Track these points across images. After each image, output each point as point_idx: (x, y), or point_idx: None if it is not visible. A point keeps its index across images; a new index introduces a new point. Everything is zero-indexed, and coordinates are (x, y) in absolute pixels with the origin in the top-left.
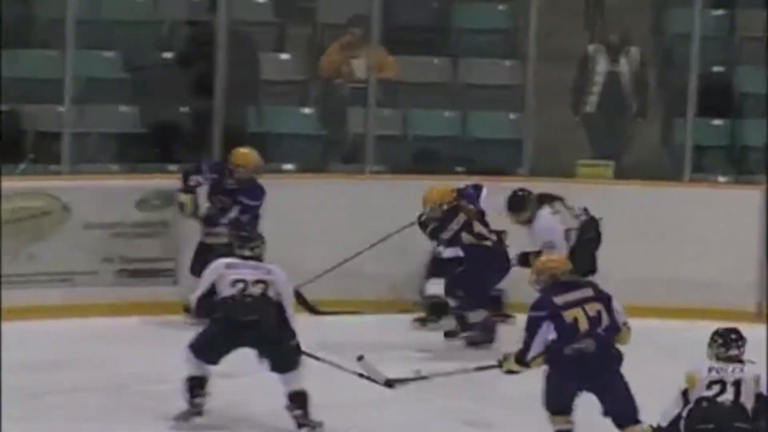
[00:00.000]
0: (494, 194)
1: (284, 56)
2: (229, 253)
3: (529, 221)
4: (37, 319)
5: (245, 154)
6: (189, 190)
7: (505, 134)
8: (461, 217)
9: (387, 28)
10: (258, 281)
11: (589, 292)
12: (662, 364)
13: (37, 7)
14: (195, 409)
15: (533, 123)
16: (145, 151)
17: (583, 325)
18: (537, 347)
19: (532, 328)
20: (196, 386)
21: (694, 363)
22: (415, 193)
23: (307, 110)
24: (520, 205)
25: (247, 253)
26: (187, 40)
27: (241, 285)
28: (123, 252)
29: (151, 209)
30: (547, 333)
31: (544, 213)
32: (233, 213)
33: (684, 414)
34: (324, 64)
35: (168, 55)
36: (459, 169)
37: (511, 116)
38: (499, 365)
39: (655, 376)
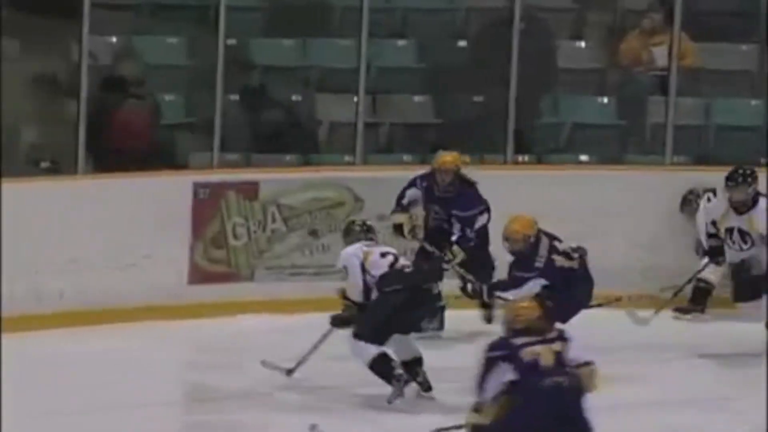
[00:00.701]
0: None
1: (582, 43)
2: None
3: (746, 204)
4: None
5: (443, 156)
6: (403, 208)
7: None
8: (545, 241)
9: (689, 13)
10: (396, 255)
11: (552, 334)
12: None
13: None
14: (401, 387)
15: None
16: (439, 142)
17: (547, 361)
18: (492, 389)
19: (484, 368)
20: (386, 363)
21: None
22: (716, 184)
23: (604, 99)
24: (750, 178)
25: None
26: (482, 28)
27: (391, 258)
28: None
29: None
30: (504, 374)
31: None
32: (456, 231)
33: None
34: (623, 51)
35: (463, 43)
36: (764, 160)
37: None
38: (460, 426)
39: None
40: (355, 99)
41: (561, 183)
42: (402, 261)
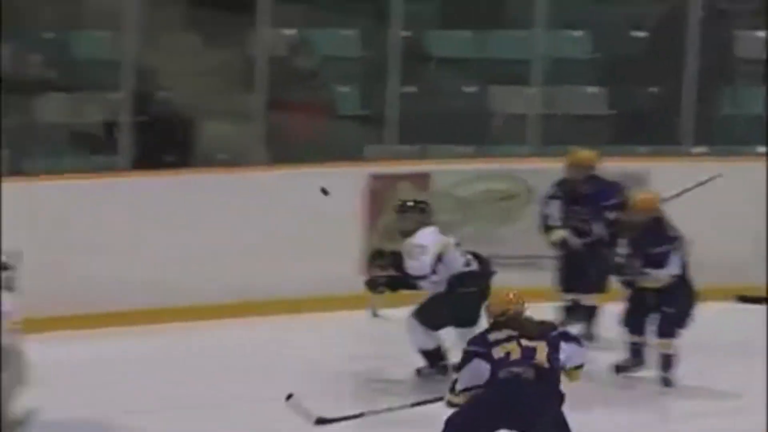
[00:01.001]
0: None
1: (762, 33)
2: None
3: None
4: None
5: (576, 153)
6: (557, 225)
7: None
8: (667, 219)
9: None
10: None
11: (533, 332)
12: None
13: None
14: (436, 373)
15: None
16: (613, 133)
17: (515, 356)
18: (465, 381)
19: (463, 360)
20: (437, 354)
21: None
22: None
23: None
24: None
25: None
26: (660, 18)
27: (461, 254)
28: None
29: None
30: (479, 369)
31: None
32: (595, 229)
33: None
34: None
35: (639, 33)
36: None
37: None
38: (440, 398)
39: None
40: (529, 90)
41: (733, 175)
42: (467, 256)
